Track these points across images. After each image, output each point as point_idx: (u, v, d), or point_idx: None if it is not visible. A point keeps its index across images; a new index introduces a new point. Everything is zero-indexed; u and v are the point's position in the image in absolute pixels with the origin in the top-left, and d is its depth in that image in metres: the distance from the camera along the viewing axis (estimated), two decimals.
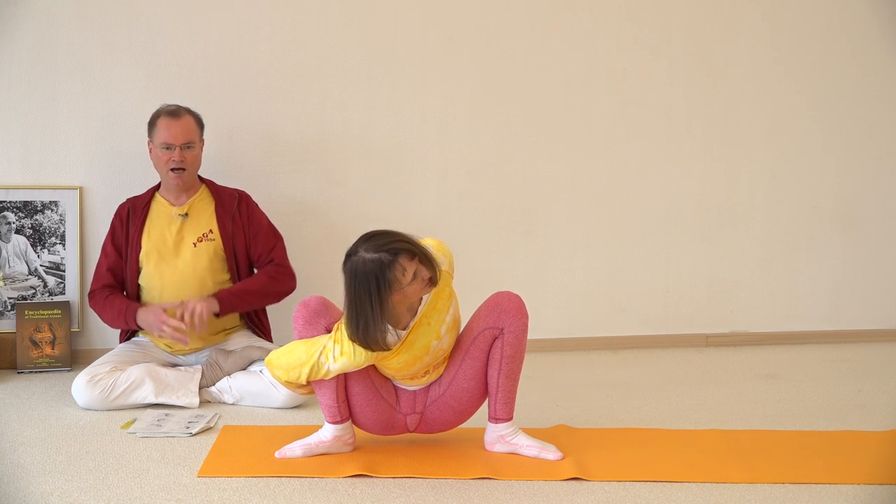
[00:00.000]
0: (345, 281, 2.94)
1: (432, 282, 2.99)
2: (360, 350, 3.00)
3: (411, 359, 3.07)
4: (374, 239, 2.92)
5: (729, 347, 4.85)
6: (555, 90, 4.72)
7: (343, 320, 3.01)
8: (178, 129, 3.92)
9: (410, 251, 2.92)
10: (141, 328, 3.89)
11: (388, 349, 3.00)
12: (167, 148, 3.92)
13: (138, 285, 3.98)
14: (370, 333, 2.93)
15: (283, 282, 4.01)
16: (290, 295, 4.05)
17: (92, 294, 4.01)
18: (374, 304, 2.89)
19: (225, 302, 3.86)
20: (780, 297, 4.94)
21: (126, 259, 3.99)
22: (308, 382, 3.12)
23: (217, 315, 3.86)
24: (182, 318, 3.77)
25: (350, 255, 2.93)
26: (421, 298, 3.06)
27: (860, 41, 4.87)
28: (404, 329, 3.05)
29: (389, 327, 2.99)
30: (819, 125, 4.91)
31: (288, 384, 3.16)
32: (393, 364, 3.08)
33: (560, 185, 4.77)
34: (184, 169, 3.94)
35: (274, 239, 4.07)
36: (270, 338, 4.13)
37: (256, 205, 4.12)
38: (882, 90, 4.90)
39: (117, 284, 4.00)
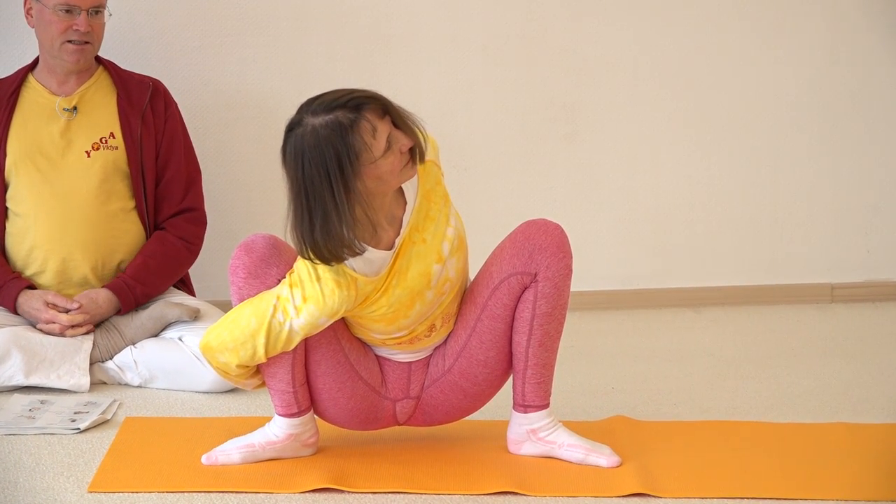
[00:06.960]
0: (286, 169, 2.89)
1: (414, 157, 2.96)
2: (331, 286, 2.95)
3: (407, 296, 3.04)
4: (323, 97, 2.90)
5: (863, 303, 4.91)
6: None
7: (291, 235, 2.94)
8: None
9: (380, 104, 2.90)
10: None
11: (360, 254, 2.94)
12: (67, 11, 3.95)
13: (4, 210, 3.98)
14: (333, 233, 2.86)
15: (188, 248, 4.12)
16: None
17: None
18: (335, 186, 2.84)
19: (128, 295, 3.96)
20: None
21: None
22: (268, 360, 3.09)
23: (120, 313, 3.97)
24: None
25: (291, 128, 2.90)
26: (404, 205, 3.04)
27: None
28: (389, 249, 3.02)
29: (369, 248, 2.96)
30: None
31: (241, 377, 3.15)
32: (382, 309, 3.04)
33: (617, 66, 4.78)
34: (89, 42, 4.00)
35: (190, 174, 4.14)
36: (192, 289, 4.16)
37: (176, 105, 4.18)
38: None
39: None
